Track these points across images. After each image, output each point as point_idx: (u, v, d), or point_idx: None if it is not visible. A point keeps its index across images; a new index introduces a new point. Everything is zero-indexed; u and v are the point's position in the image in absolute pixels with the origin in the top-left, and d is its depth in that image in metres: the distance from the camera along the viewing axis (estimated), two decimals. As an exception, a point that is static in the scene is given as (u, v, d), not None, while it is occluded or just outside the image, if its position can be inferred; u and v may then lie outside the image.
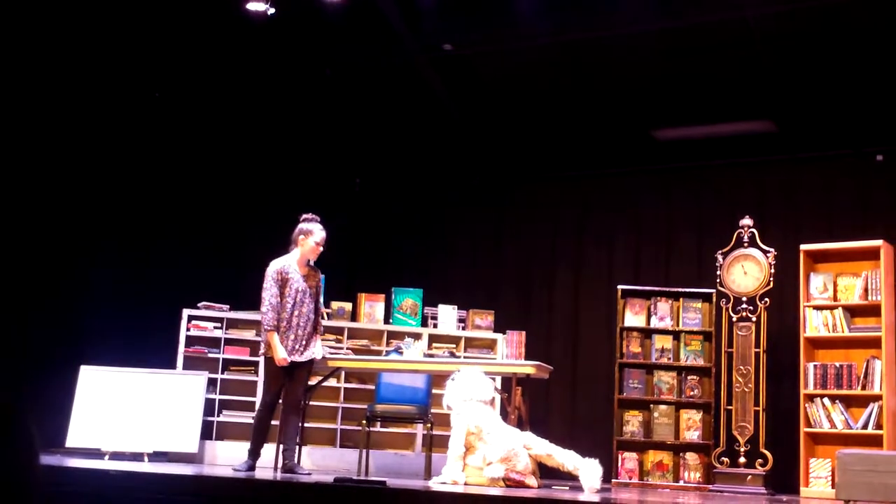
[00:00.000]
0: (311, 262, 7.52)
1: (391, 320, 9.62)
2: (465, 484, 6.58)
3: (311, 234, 7.41)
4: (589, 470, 6.56)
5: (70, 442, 8.61)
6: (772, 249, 8.68)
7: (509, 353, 9.39)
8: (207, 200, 10.69)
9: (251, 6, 8.38)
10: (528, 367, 7.66)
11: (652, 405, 9.11)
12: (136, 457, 8.44)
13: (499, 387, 7.99)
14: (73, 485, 5.81)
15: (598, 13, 8.74)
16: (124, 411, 8.75)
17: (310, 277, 7.48)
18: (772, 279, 8.62)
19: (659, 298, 9.34)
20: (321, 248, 7.47)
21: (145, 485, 5.95)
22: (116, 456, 8.46)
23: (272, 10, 8.36)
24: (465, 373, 7.06)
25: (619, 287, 9.42)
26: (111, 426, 8.69)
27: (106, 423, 8.69)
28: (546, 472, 6.97)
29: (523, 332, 9.54)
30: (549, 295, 10.61)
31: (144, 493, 5.83)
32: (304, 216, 7.56)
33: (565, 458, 6.69)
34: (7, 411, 2.47)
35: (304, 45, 9.43)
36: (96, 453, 8.51)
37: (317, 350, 7.50)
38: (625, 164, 10.51)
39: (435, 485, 6.54)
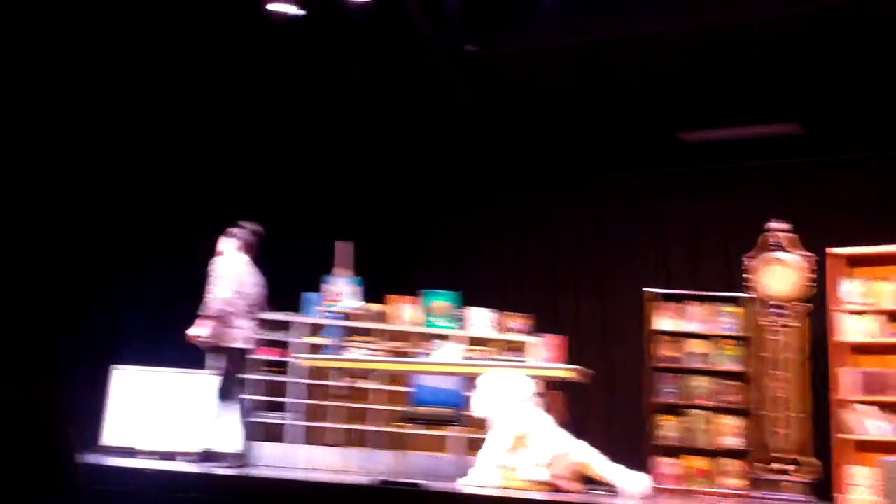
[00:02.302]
0: None
1: (424, 323, 9.57)
2: (507, 487, 6.53)
3: None
4: (635, 480, 6.52)
5: (104, 441, 8.65)
6: (804, 253, 8.59)
7: (545, 357, 9.31)
8: (236, 202, 10.68)
9: (277, 7, 8.36)
10: (566, 371, 7.59)
11: (688, 410, 9.02)
12: (169, 455, 8.44)
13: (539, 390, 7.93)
14: (109, 483, 5.81)
15: (624, 14, 8.69)
16: (156, 411, 8.78)
17: None
18: (806, 283, 8.53)
19: (691, 302, 9.24)
20: None
21: (179, 484, 5.95)
22: (150, 455, 8.47)
23: (299, 12, 8.34)
24: (493, 376, 6.98)
25: (650, 290, 9.33)
26: (144, 425, 8.72)
27: (139, 423, 8.73)
28: (588, 479, 6.91)
29: (559, 336, 9.47)
30: (577, 298, 10.56)
31: (179, 492, 5.82)
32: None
33: (610, 472, 6.62)
34: (47, 412, 2.46)
35: (330, 46, 9.41)
36: (130, 452, 8.53)
37: None
38: (652, 167, 10.47)
39: (464, 487, 6.49)
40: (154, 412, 8.81)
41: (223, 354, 7.50)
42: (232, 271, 7.54)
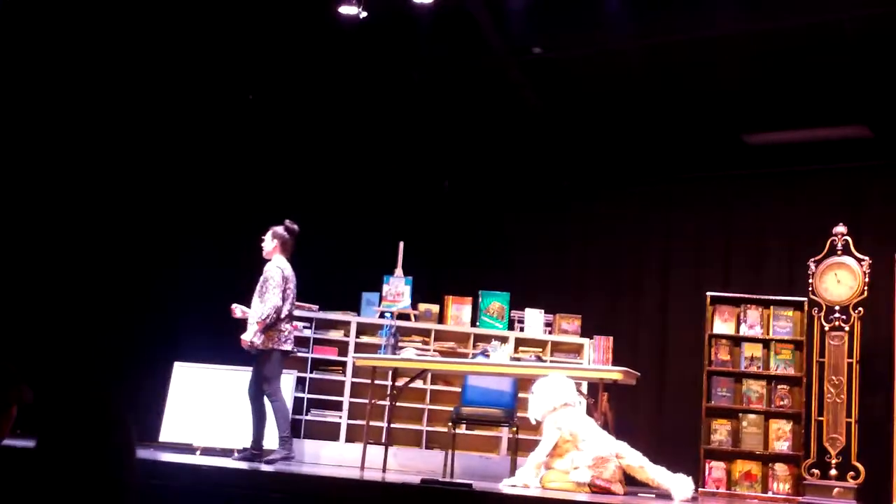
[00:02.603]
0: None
1: (478, 323, 9.64)
2: (549, 488, 6.58)
3: None
4: (681, 483, 6.53)
5: (163, 437, 8.83)
6: (866, 258, 8.50)
7: (596, 359, 9.35)
8: (297, 201, 10.83)
9: (343, 10, 8.46)
10: (615, 373, 7.61)
11: (741, 414, 8.98)
12: (227, 452, 8.60)
13: (585, 392, 7.97)
14: (165, 478, 5.93)
15: (689, 15, 8.65)
16: (216, 407, 8.94)
17: None
18: (866, 288, 8.43)
19: (749, 306, 9.19)
20: None
21: (235, 481, 6.06)
22: (207, 451, 8.64)
23: (364, 14, 8.43)
24: (545, 381, 7.04)
25: (708, 294, 9.30)
26: (203, 422, 8.89)
27: (198, 419, 8.90)
28: (631, 482, 6.92)
29: (610, 338, 9.50)
30: (636, 300, 10.55)
31: (235, 489, 5.92)
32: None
33: (656, 473, 6.66)
34: (106, 405, 2.55)
35: (394, 48, 9.50)
36: (188, 448, 8.70)
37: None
38: (715, 169, 10.41)
39: (505, 487, 6.54)
40: (214, 409, 8.98)
41: (265, 356, 7.72)
42: (281, 276, 7.73)
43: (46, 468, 2.45)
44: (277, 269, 7.74)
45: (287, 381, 9.08)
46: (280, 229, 7.96)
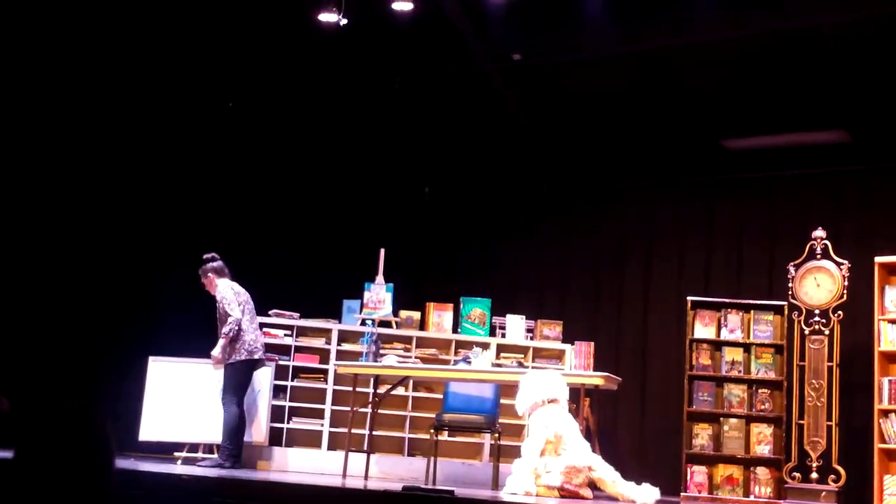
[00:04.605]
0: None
1: (459, 330, 9.63)
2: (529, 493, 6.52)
3: None
4: (646, 492, 6.45)
5: (143, 436, 8.79)
6: (845, 261, 8.53)
7: (578, 364, 9.35)
8: (278, 208, 10.83)
9: (323, 17, 8.45)
10: (596, 379, 7.61)
11: (722, 418, 9.00)
12: (208, 449, 8.61)
13: (567, 397, 7.94)
14: (144, 487, 5.89)
15: (669, 22, 8.68)
16: (194, 402, 8.92)
17: None
18: (845, 292, 8.47)
19: (729, 310, 9.22)
20: None
21: (215, 489, 6.03)
22: (190, 450, 8.63)
23: (344, 21, 8.42)
24: (533, 374, 6.97)
25: (689, 298, 9.32)
26: (182, 418, 8.88)
27: (176, 415, 8.89)
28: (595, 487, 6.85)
29: (592, 343, 9.50)
30: (617, 306, 10.56)
31: (215, 497, 5.89)
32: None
33: (626, 489, 6.54)
34: (85, 413, 2.51)
35: (374, 54, 9.49)
36: (168, 457, 8.66)
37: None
38: (695, 174, 10.43)
39: (506, 496, 6.45)
40: (192, 404, 8.92)
41: (229, 368, 8.26)
42: (233, 292, 8.35)
43: (24, 479, 2.41)
44: (228, 289, 8.32)
45: (267, 389, 9.05)
46: (205, 266, 8.51)
